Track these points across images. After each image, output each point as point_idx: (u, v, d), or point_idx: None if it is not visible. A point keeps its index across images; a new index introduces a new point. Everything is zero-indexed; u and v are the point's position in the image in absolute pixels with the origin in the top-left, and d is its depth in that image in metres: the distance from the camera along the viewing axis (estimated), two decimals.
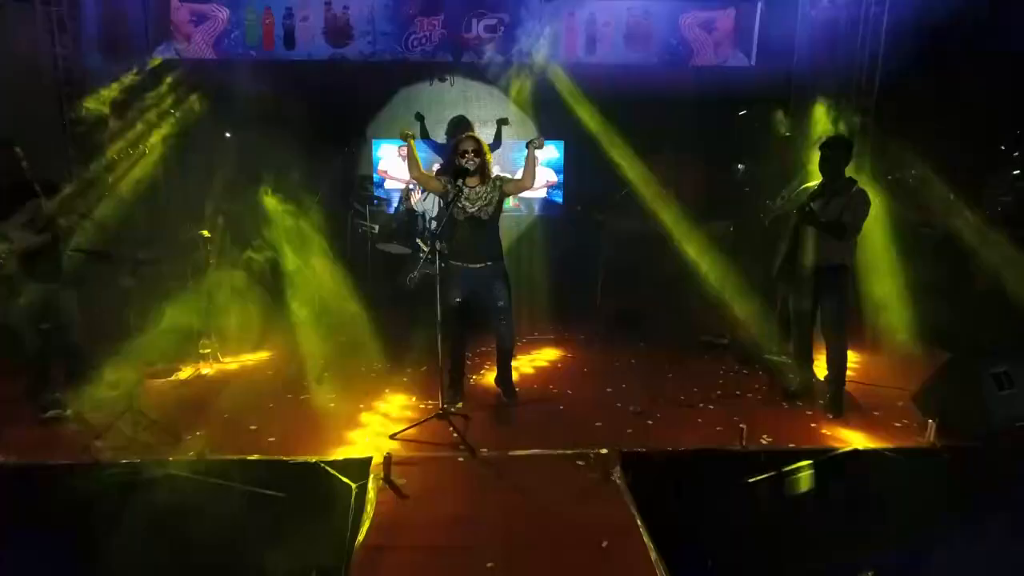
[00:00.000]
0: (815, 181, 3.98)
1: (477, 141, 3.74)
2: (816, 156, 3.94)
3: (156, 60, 6.07)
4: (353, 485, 3.05)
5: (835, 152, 3.86)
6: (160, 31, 6.15)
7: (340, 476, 3.13)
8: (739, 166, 6.47)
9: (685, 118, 5.98)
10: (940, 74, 5.52)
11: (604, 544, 2.61)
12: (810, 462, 3.24)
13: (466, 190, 3.68)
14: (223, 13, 6.09)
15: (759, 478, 3.09)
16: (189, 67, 6.05)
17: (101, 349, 4.01)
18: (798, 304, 4.02)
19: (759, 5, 6.27)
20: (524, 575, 2.52)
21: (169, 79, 5.93)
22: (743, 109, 6.16)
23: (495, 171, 3.91)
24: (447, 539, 2.72)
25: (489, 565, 2.50)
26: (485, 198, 3.70)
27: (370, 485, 3.06)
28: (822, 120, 5.63)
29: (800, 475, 3.16)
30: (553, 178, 6.65)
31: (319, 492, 3.05)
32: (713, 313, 5.17)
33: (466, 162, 3.65)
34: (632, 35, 6.26)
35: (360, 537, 2.68)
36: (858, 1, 5.78)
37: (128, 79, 5.82)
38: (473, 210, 3.69)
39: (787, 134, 5.96)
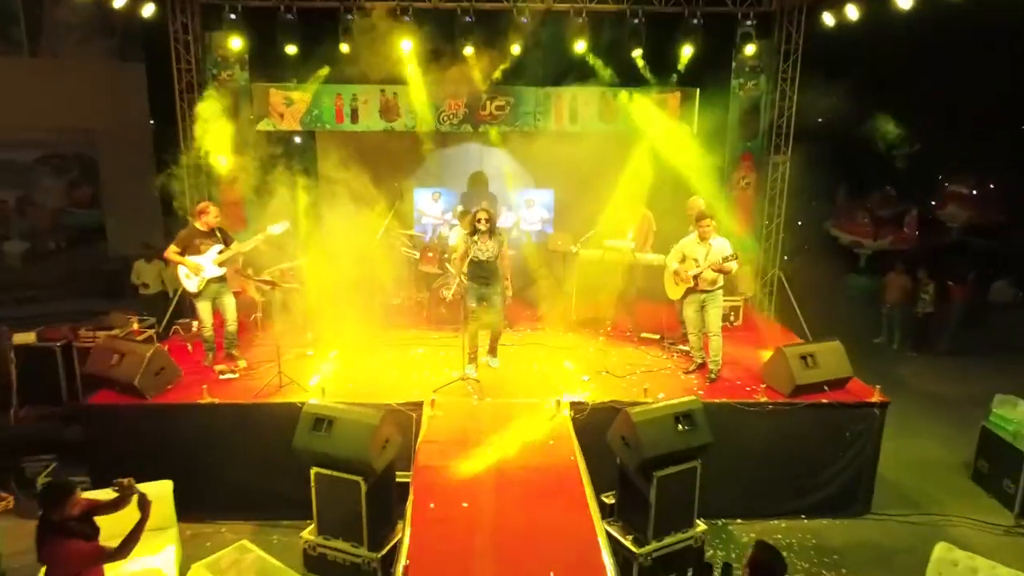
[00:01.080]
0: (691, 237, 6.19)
1: (489, 212, 6.01)
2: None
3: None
4: (412, 415, 5.38)
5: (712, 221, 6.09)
6: (262, 109, 8.53)
7: (405, 411, 5.47)
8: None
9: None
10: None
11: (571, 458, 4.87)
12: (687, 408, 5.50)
13: (479, 243, 5.97)
14: (306, 97, 8.46)
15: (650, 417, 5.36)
16: (282, 136, 8.44)
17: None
18: (692, 314, 6.28)
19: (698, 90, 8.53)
20: (508, 470, 4.80)
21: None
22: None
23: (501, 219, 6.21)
24: (462, 439, 5.03)
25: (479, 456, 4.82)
26: (491, 249, 5.98)
27: (424, 416, 5.39)
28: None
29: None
30: (547, 215, 8.95)
31: (397, 420, 5.38)
32: (649, 316, 7.43)
33: (480, 226, 5.94)
34: (603, 112, 8.55)
35: (419, 441, 5.01)
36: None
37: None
38: (483, 256, 5.98)
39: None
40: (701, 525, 4.79)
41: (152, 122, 12.57)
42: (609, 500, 4.93)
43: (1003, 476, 6.05)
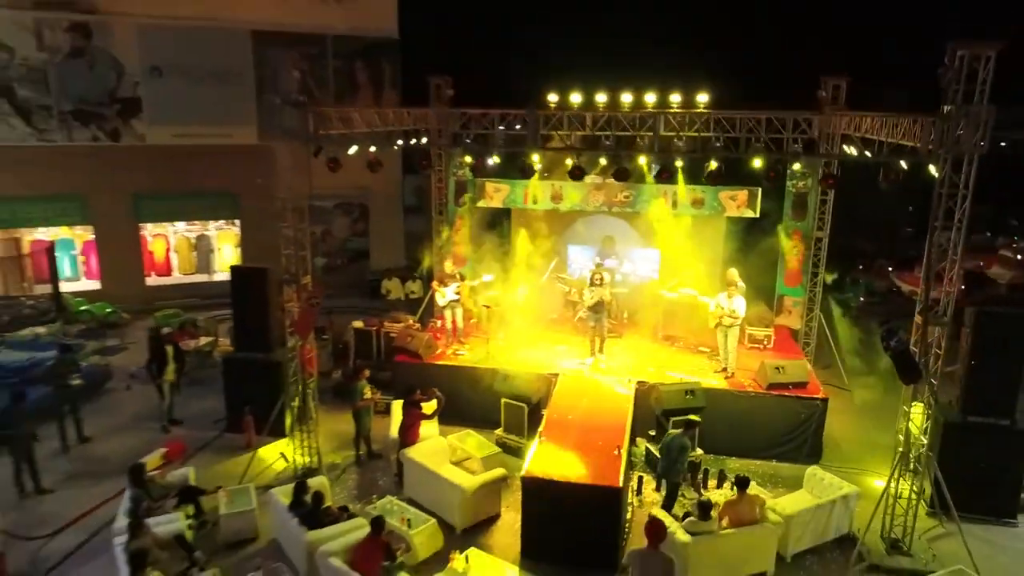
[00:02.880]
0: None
1: (600, 274, 10.88)
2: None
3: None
4: (552, 379, 10.42)
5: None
6: (479, 194, 13.94)
7: (549, 377, 10.52)
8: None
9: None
10: None
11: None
12: (692, 386, 9.99)
13: (593, 290, 10.85)
14: (506, 187, 13.72)
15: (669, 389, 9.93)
16: (491, 210, 13.82)
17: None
18: (720, 337, 10.70)
19: (760, 188, 12.69)
20: (593, 407, 9.67)
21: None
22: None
23: (606, 275, 11.07)
24: (575, 392, 9.97)
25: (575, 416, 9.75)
26: (599, 294, 10.84)
27: (559, 380, 10.41)
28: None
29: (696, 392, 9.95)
30: (653, 267, 13.54)
31: (545, 380, 10.44)
32: (702, 335, 11.82)
33: (595, 280, 10.83)
34: (694, 201, 12.99)
35: (554, 391, 10.04)
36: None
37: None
38: (593, 300, 10.85)
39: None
40: (700, 451, 9.36)
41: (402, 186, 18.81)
42: (652, 432, 9.68)
43: None
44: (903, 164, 7.82)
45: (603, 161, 12.76)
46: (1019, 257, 16.38)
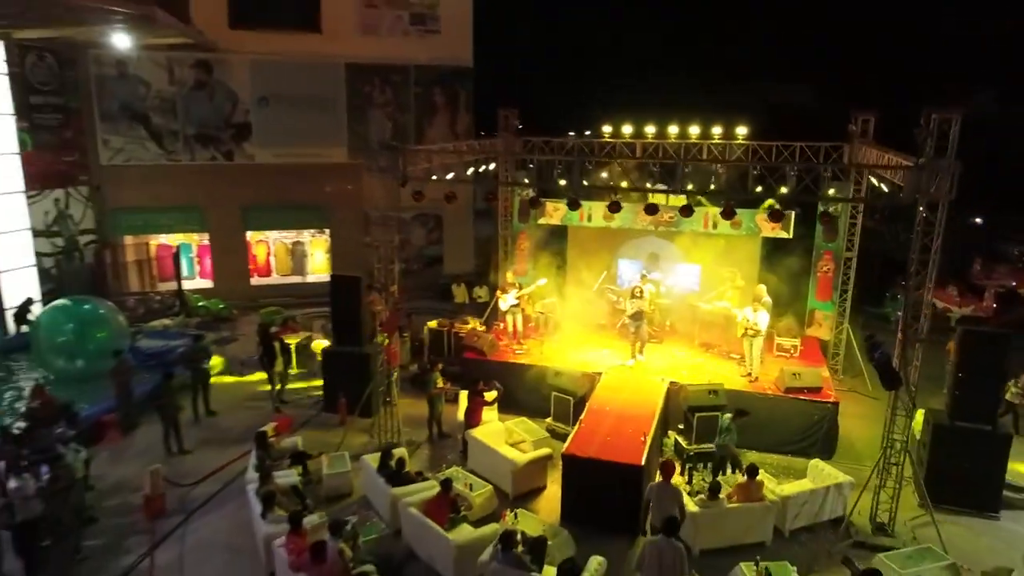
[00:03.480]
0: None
1: (640, 288, 12.51)
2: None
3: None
4: (597, 376, 12.13)
5: None
6: (540, 213, 15.74)
7: (593, 374, 12.24)
8: None
9: None
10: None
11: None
12: (715, 387, 11.48)
13: (634, 302, 12.49)
14: (563, 206, 15.46)
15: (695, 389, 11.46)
16: (550, 226, 15.62)
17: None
18: (746, 346, 12.16)
19: (793, 212, 13.99)
20: (630, 400, 11.33)
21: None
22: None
23: (647, 288, 12.69)
24: (615, 388, 11.65)
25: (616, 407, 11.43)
26: (638, 305, 12.46)
27: (602, 377, 12.12)
28: None
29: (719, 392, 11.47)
30: (694, 280, 15.02)
31: (590, 377, 12.17)
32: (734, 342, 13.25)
33: (635, 294, 12.47)
34: (732, 222, 14.40)
35: (597, 387, 11.75)
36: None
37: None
38: (632, 309, 12.49)
39: None
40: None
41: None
42: (680, 426, 11.27)
43: None
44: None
45: (648, 185, 14.39)
46: None
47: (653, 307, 13.09)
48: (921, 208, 8.49)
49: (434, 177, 12.01)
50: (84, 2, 13.15)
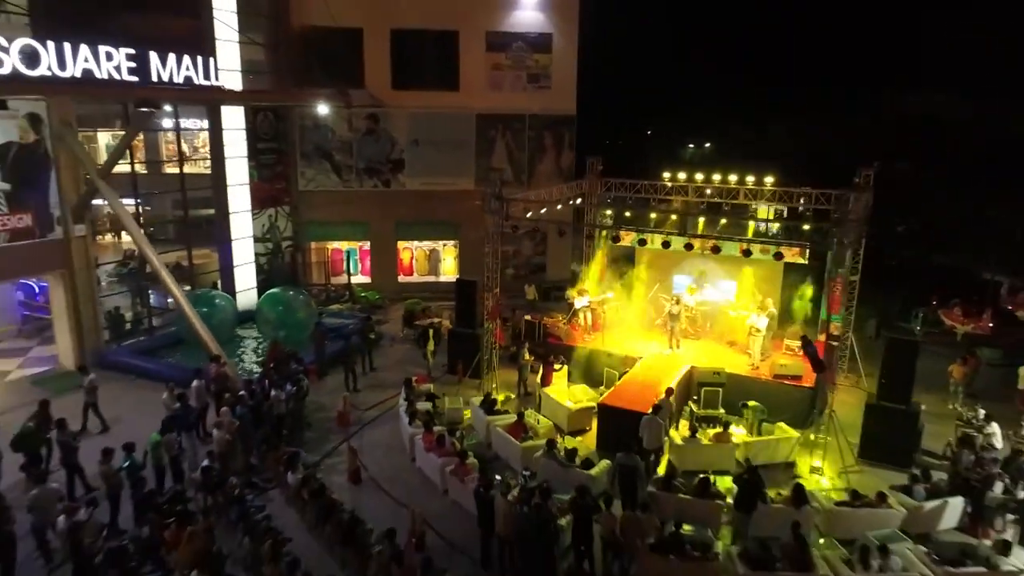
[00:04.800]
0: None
1: (679, 297, 17.09)
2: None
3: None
4: (639, 360, 16.87)
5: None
6: (616, 237, 20.56)
7: (635, 357, 17.00)
8: None
9: None
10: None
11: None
12: (718, 369, 15.83)
13: (675, 307, 17.10)
14: (632, 234, 20.19)
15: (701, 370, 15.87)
16: (621, 247, 20.41)
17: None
18: (752, 343, 16.44)
19: (809, 244, 17.99)
20: (655, 374, 15.99)
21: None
22: None
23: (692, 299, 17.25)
24: (650, 366, 16.37)
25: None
26: (677, 309, 17.05)
27: (639, 362, 16.86)
28: None
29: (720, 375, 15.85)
30: (731, 292, 19.27)
31: (630, 362, 16.94)
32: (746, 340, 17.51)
33: (676, 302, 17.07)
34: (762, 249, 18.59)
35: (633, 369, 16.51)
36: None
37: None
38: (675, 311, 17.09)
39: None
40: (721, 410, 15.35)
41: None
42: (695, 397, 15.83)
43: None
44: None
45: (701, 221, 18.89)
46: None
47: (691, 311, 17.61)
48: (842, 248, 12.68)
49: (529, 214, 17.20)
50: (307, 97, 19.63)
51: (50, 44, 15.31)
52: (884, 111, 39.15)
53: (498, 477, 11.61)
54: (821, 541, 11.08)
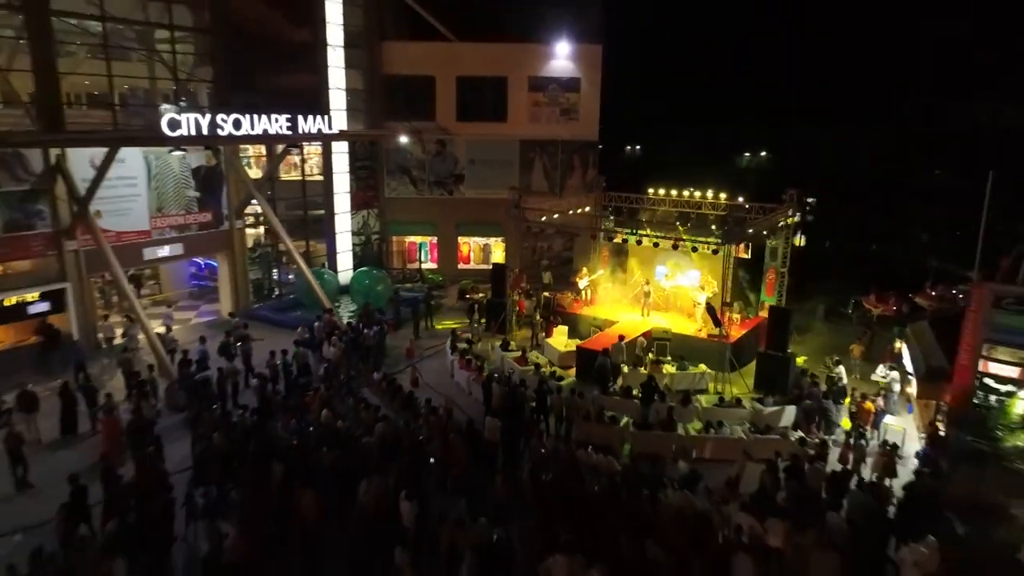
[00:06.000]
0: None
1: (648, 280, 23.87)
2: None
3: None
4: (616, 323, 23.81)
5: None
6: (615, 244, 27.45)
7: (614, 322, 23.96)
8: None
9: None
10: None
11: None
12: (672, 331, 22.49)
13: (646, 287, 23.89)
14: (634, 238, 27.04)
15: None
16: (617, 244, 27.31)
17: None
18: (700, 314, 23.10)
19: (752, 243, 24.43)
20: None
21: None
22: None
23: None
24: (617, 330, 23.30)
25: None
26: (645, 289, 23.85)
27: (616, 324, 23.81)
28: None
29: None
30: (696, 279, 25.86)
31: (609, 323, 23.88)
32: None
33: (644, 286, 23.87)
34: (716, 250, 25.12)
35: (609, 327, 23.46)
36: None
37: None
38: (647, 288, 23.90)
39: None
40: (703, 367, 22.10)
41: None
42: (652, 351, 22.70)
43: None
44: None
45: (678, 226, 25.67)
46: (933, 294, 24.90)
47: (664, 292, 24.42)
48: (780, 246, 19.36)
49: (543, 219, 24.41)
50: (391, 136, 27.62)
51: (247, 117, 23.14)
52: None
53: (496, 375, 18.98)
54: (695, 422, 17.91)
